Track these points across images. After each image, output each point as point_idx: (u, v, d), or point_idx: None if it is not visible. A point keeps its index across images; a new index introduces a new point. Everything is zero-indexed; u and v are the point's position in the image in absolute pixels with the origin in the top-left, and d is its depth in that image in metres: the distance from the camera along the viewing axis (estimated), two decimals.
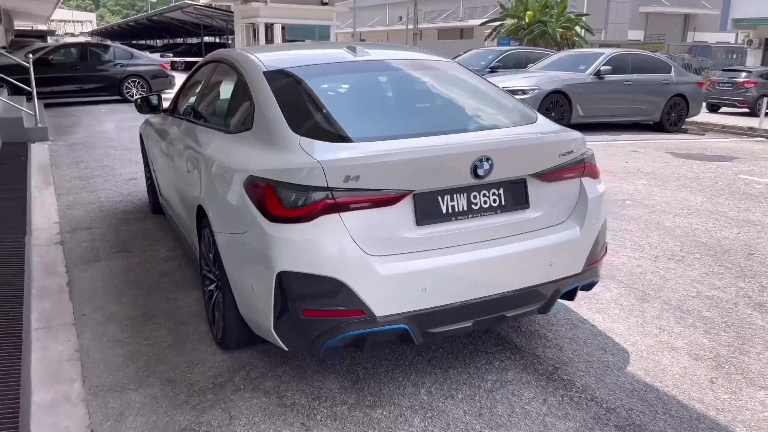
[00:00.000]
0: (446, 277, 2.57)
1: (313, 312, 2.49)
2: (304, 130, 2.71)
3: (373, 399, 2.79)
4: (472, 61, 14.29)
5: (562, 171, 2.87)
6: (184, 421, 2.65)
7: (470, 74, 3.51)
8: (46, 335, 3.41)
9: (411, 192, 2.55)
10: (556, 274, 2.82)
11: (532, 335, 3.36)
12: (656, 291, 3.97)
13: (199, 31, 38.48)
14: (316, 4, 26.57)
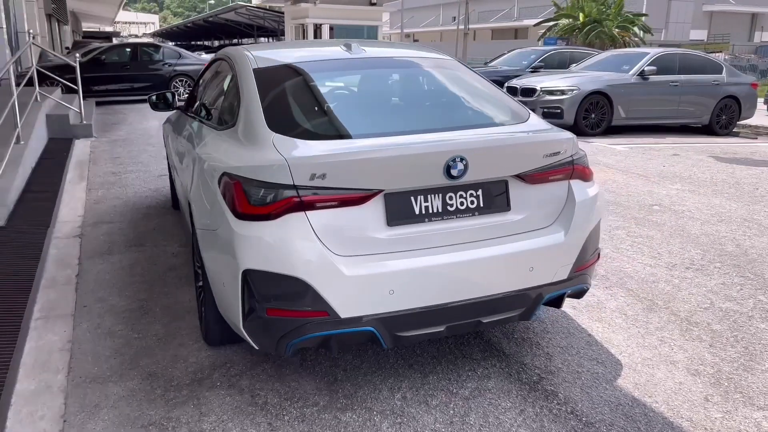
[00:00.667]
0: (416, 280, 2.50)
1: (277, 311, 2.46)
2: (280, 127, 2.69)
3: (346, 402, 2.75)
4: (513, 61, 14.05)
5: (548, 173, 2.75)
6: (154, 415, 2.66)
7: (468, 72, 3.41)
8: (44, 325, 3.50)
9: (381, 192, 2.49)
10: (537, 279, 2.70)
11: (523, 342, 3.25)
12: (666, 301, 3.77)
13: (252, 32, 39.23)
14: (365, 5, 26.68)
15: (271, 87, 3.01)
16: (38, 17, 27.43)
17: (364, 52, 3.35)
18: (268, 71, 3.14)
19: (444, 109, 3.16)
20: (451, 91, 3.30)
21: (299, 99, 2.99)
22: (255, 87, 2.99)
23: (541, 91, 10.70)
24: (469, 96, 3.24)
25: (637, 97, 10.76)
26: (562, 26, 31.27)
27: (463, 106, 3.15)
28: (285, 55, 3.47)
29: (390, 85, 3.28)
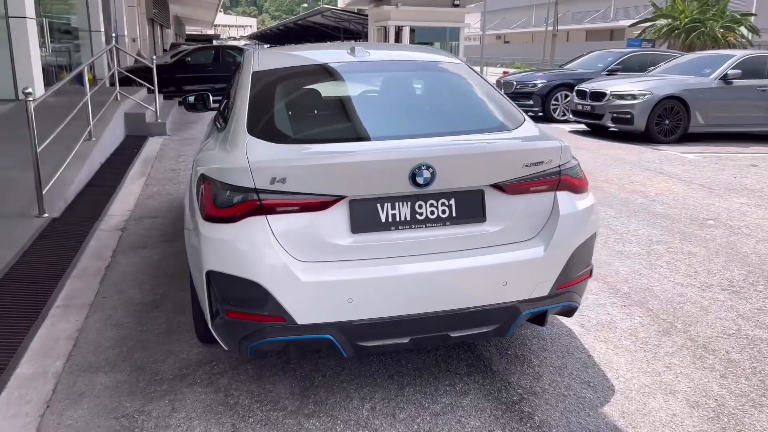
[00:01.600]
0: (377, 289, 2.44)
1: (236, 314, 2.48)
2: (256, 130, 2.71)
3: (314, 408, 2.73)
4: (589, 64, 13.52)
5: (529, 183, 2.61)
6: (129, 407, 2.75)
7: (472, 77, 3.28)
8: (61, 313, 3.69)
9: (344, 198, 2.45)
10: (511, 295, 2.57)
11: (515, 359, 3.11)
12: (687, 324, 3.50)
13: (339, 35, 39.96)
14: (447, 6, 26.49)
15: (262, 90, 3.03)
16: (140, 22, 29.18)
17: (367, 56, 3.31)
18: (265, 74, 3.17)
19: (427, 115, 3.07)
20: (443, 96, 3.20)
21: (284, 102, 3.00)
22: (248, 90, 3.03)
23: (610, 95, 10.23)
24: (461, 101, 3.13)
25: (718, 102, 10.06)
26: (659, 27, 29.83)
27: (448, 112, 3.05)
28: (289, 58, 3.49)
29: (380, 90, 3.23)
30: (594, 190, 6.49)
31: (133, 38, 26.43)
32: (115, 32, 22.10)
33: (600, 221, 3.05)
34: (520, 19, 71.26)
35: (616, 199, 6.30)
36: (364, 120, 2.97)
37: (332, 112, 3.03)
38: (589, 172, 7.41)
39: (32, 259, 4.48)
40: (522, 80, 13.22)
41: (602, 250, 4.72)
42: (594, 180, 7.13)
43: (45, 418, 2.68)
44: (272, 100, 2.98)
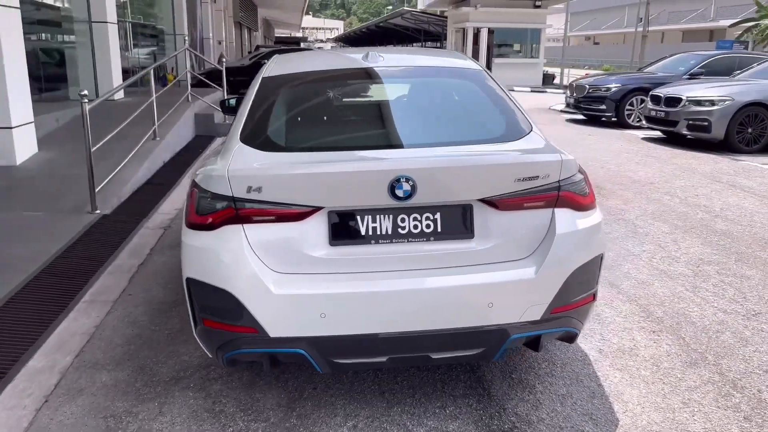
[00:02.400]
0: (351, 305, 2.35)
1: (211, 323, 2.46)
2: (248, 137, 2.69)
3: (296, 422, 2.67)
4: (671, 67, 12.78)
5: (522, 199, 2.44)
6: (120, 408, 2.79)
7: (485, 84, 3.11)
8: (85, 308, 3.83)
9: (321, 208, 2.38)
10: (498, 318, 2.41)
11: (517, 384, 2.93)
12: (719, 356, 3.18)
13: (419, 37, 39.93)
14: (528, 7, 25.88)
15: (264, 97, 3.01)
16: (226, 25, 30.29)
17: (378, 62, 3.22)
18: (272, 80, 3.15)
19: (423, 124, 2.93)
20: (447, 104, 3.06)
21: (281, 109, 2.95)
22: (253, 96, 3.02)
23: (687, 101, 9.60)
24: (465, 110, 2.97)
25: None
26: (763, 27, 27.87)
27: (447, 121, 2.90)
28: (301, 63, 3.45)
29: (383, 98, 3.13)
30: (651, 203, 6.12)
31: (219, 41, 27.47)
32: (201, 35, 23.09)
33: (606, 242, 2.82)
34: (612, 20, 68.66)
35: (673, 213, 5.88)
36: (356, 129, 2.89)
37: (327, 120, 2.96)
38: (650, 183, 7.01)
39: (73, 254, 4.69)
40: (595, 84, 12.67)
41: (644, 268, 4.40)
42: (655, 191, 6.71)
43: (40, 413, 2.76)
44: (271, 107, 2.95)
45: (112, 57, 10.86)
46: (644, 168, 8.01)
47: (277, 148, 2.64)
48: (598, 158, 8.71)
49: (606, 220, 5.57)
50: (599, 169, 7.89)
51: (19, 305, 3.80)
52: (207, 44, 23.69)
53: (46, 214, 5.61)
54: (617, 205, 6.12)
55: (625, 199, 6.37)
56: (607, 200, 6.34)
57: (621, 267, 4.43)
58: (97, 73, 10.82)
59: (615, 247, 4.88)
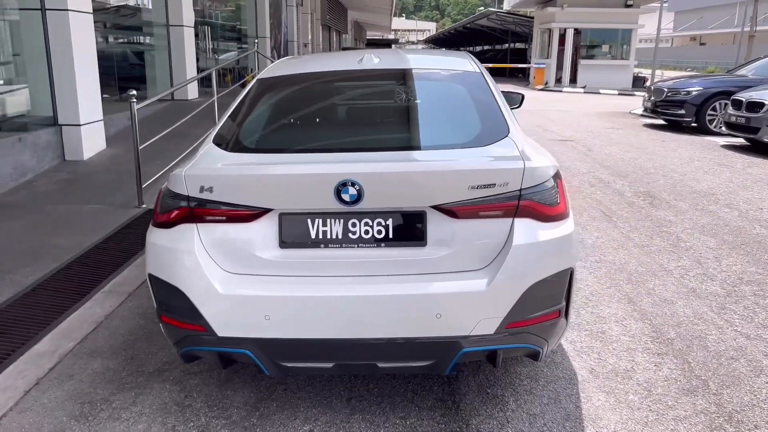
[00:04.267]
0: (296, 309, 2.33)
1: (166, 318, 2.52)
2: (219, 138, 2.74)
3: (255, 422, 2.69)
4: (763, 70, 11.84)
5: (478, 207, 2.33)
6: (99, 395, 2.92)
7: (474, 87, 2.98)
8: (103, 298, 4.03)
9: (270, 210, 2.38)
10: (447, 330, 2.32)
11: (490, 399, 2.81)
12: (723, 385, 2.91)
13: (506, 38, 39.23)
14: (619, 6, 24.79)
15: (252, 98, 3.06)
16: (313, 28, 31.05)
17: (371, 64, 3.18)
18: (265, 82, 3.20)
19: (389, 128, 2.85)
20: (423, 108, 2.95)
21: (261, 111, 2.98)
22: (241, 97, 3.08)
23: None
24: (441, 114, 2.85)
25: None
26: None
27: (418, 125, 2.80)
28: (299, 66, 3.46)
29: (359, 101, 3.08)
30: (705, 215, 5.69)
31: (305, 43, 28.18)
32: (285, 38, 23.77)
33: (577, 255, 2.64)
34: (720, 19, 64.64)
35: (727, 227, 5.44)
36: (320, 131, 2.87)
37: (299, 123, 2.95)
38: (712, 194, 6.52)
39: (109, 246, 4.95)
40: (674, 87, 11.94)
41: (672, 286, 4.10)
42: (714, 203, 6.24)
43: (28, 395, 2.93)
44: (252, 108, 2.99)
45: (187, 59, 11.38)
46: (711, 177, 7.47)
47: (243, 149, 2.66)
48: (664, 165, 8.21)
49: (647, 233, 5.24)
50: (660, 178, 7.44)
51: (42, 291, 4.05)
52: (291, 47, 24.36)
53: (96, 207, 5.96)
54: (665, 217, 5.74)
55: (677, 211, 5.96)
56: (657, 211, 5.96)
57: (646, 283, 4.15)
58: (173, 75, 11.37)
59: (647, 260, 4.58)
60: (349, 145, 2.68)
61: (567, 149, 9.43)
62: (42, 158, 7.10)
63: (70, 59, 7.18)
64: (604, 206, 6.14)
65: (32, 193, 6.41)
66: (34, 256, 4.64)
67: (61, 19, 7.08)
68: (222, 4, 17.62)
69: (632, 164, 8.32)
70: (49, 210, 5.85)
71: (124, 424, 2.69)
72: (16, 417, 2.75)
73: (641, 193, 6.70)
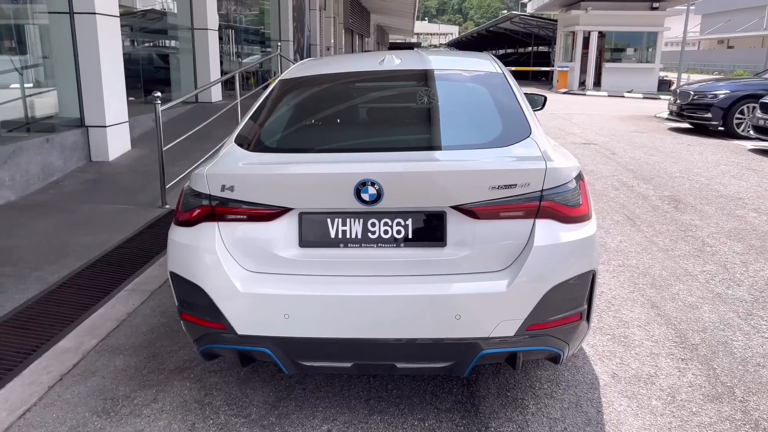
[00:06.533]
0: (315, 308, 2.34)
1: (187, 316, 2.54)
2: (242, 138, 2.76)
3: (274, 421, 2.70)
4: None
5: (499, 207, 2.31)
6: (121, 392, 2.95)
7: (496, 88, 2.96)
8: (126, 296, 4.08)
9: (291, 209, 2.39)
10: (466, 331, 2.30)
11: (510, 402, 2.78)
12: (750, 392, 2.85)
13: (529, 41, 38.99)
14: (644, 9, 24.50)
15: (274, 98, 3.08)
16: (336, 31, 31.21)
17: (391, 65, 3.19)
18: (287, 83, 3.22)
19: (411, 128, 2.84)
20: (445, 108, 2.93)
21: (282, 111, 2.99)
22: (264, 97, 3.10)
23: None
24: (463, 114, 2.84)
25: None
26: None
27: (440, 126, 2.78)
28: (320, 67, 3.47)
29: (381, 101, 3.07)
30: (732, 220, 5.59)
31: (327, 47, 28.34)
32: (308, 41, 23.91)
33: (599, 257, 2.61)
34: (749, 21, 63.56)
35: (755, 232, 5.34)
36: (340, 131, 2.87)
37: (321, 123, 2.96)
38: (739, 198, 6.40)
39: (132, 245, 5.01)
40: (700, 90, 11.76)
41: (697, 291, 4.03)
42: (741, 207, 6.12)
43: (52, 390, 2.98)
44: (273, 108, 3.00)
45: (211, 62, 11.51)
46: (738, 182, 7.34)
47: (264, 149, 2.68)
48: (689, 169, 8.08)
49: (672, 237, 5.16)
50: (685, 182, 7.33)
51: (67, 289, 4.11)
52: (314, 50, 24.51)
53: (121, 207, 6.04)
54: (691, 221, 5.65)
55: (703, 215, 5.86)
56: (682, 215, 5.86)
57: (671, 288, 4.09)
58: (197, 77, 11.50)
59: (671, 265, 4.51)
60: (369, 145, 2.69)
61: (590, 152, 9.34)
62: (69, 159, 7.22)
63: (96, 62, 7.30)
64: (627, 210, 6.06)
65: (59, 192, 6.52)
66: (59, 254, 4.72)
67: (88, 22, 7.21)
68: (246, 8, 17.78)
69: (656, 168, 8.20)
70: (75, 209, 5.95)
71: (145, 421, 2.71)
72: (39, 411, 2.79)
73: (666, 197, 6.60)
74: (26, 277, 4.26)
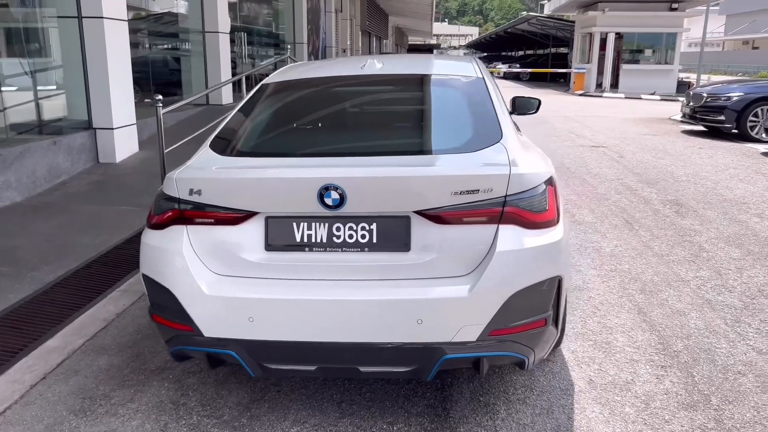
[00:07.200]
0: (279, 311, 2.36)
1: (158, 318, 2.57)
2: (216, 141, 2.80)
3: (245, 422, 2.72)
4: None
5: (461, 213, 2.32)
6: (100, 391, 3.00)
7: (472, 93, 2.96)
8: (118, 296, 4.14)
9: (257, 213, 2.41)
10: (429, 336, 2.31)
11: (482, 407, 2.78)
12: (726, 401, 2.81)
13: (547, 42, 38.74)
14: (663, 10, 24.20)
15: (252, 102, 3.11)
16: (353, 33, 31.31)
17: (371, 70, 3.20)
18: (270, 87, 3.25)
19: (376, 134, 2.85)
20: (417, 113, 2.94)
21: (258, 115, 3.02)
22: (245, 101, 3.14)
23: None
24: (434, 119, 2.84)
25: None
26: None
27: (404, 131, 2.80)
28: (304, 71, 3.50)
29: (354, 106, 3.08)
30: (733, 225, 5.51)
31: (344, 49, 28.43)
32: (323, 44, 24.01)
33: (567, 263, 2.59)
34: None
35: (755, 237, 5.25)
36: (311, 136, 2.89)
37: (292, 127, 2.98)
38: (743, 203, 6.31)
39: (130, 246, 5.08)
40: (714, 92, 11.59)
41: (687, 297, 3.98)
42: (744, 212, 6.03)
43: (34, 388, 3.04)
44: (250, 112, 3.03)
45: (222, 65, 11.62)
46: (745, 185, 7.23)
47: (235, 153, 2.71)
48: (696, 173, 7.98)
49: (669, 242, 5.10)
50: (690, 186, 7.23)
51: (61, 289, 4.19)
52: (329, 53, 24.60)
53: (124, 208, 6.13)
54: (690, 226, 5.58)
55: (703, 219, 5.79)
56: (682, 219, 5.79)
57: (660, 293, 4.05)
58: (208, 80, 11.62)
59: (664, 270, 4.46)
60: (336, 150, 2.71)
61: (597, 155, 9.26)
62: (76, 160, 7.34)
63: (104, 65, 7.42)
64: (627, 214, 6.00)
65: (65, 193, 6.64)
66: (58, 254, 4.80)
67: (96, 26, 7.33)
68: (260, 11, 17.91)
69: (663, 171, 8.11)
70: (79, 210, 6.05)
71: (120, 420, 2.76)
72: (19, 409, 2.85)
73: (668, 201, 6.52)
74: (23, 277, 4.35)
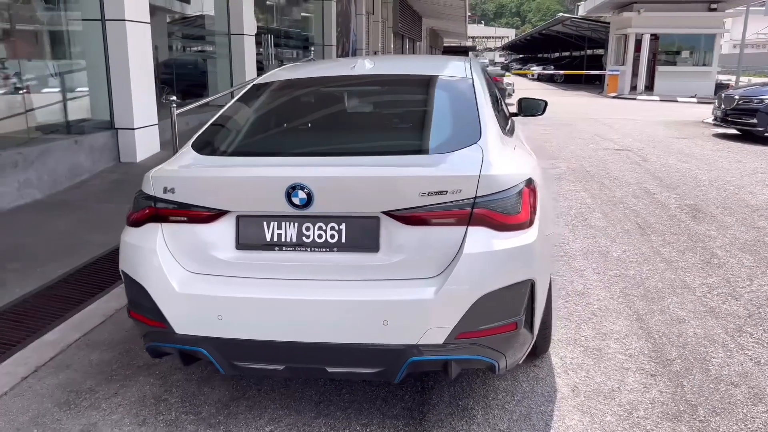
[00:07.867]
0: (247, 310, 2.37)
1: (134, 314, 2.61)
2: (198, 140, 2.83)
3: (221, 419, 2.74)
4: None
5: (430, 214, 2.29)
6: (87, 385, 3.06)
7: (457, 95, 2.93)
8: (119, 292, 4.21)
9: (228, 212, 2.43)
10: (395, 337, 2.29)
11: (460, 411, 2.74)
12: (714, 412, 2.72)
13: (582, 44, 38.18)
14: (701, 11, 23.62)
15: (240, 102, 3.14)
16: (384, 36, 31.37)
17: (359, 71, 3.20)
18: (257, 88, 3.27)
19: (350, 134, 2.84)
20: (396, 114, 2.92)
21: (243, 115, 3.04)
22: (232, 102, 3.17)
23: None
24: (413, 120, 2.82)
25: None
26: None
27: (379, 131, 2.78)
28: (295, 72, 3.51)
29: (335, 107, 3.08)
30: (751, 231, 5.34)
31: (375, 51, 28.50)
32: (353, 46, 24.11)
33: (542, 266, 2.53)
34: None
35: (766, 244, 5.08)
36: (286, 136, 2.90)
37: (271, 127, 3.00)
38: (765, 209, 6.09)
39: None
40: (746, 94, 11.25)
41: (690, 304, 3.87)
42: (765, 219, 5.83)
43: (25, 381, 3.11)
44: (236, 112, 3.06)
45: (247, 67, 11.76)
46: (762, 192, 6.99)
47: (212, 152, 2.73)
48: (720, 177, 7.75)
49: (680, 248, 4.97)
50: (712, 190, 7.03)
51: (65, 285, 4.29)
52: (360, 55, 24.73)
53: None
54: (705, 232, 5.42)
55: (720, 225, 5.62)
56: (699, 225, 5.63)
57: (662, 300, 3.94)
58: (233, 82, 11.77)
59: (670, 277, 4.34)
60: (310, 150, 2.71)
61: (620, 159, 9.08)
62: (98, 160, 7.51)
63: (126, 66, 7.58)
64: (641, 218, 5.87)
65: (84, 192, 6.80)
66: (69, 251, 4.92)
67: (118, 28, 7.50)
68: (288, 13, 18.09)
69: (686, 175, 7.90)
70: (96, 208, 6.20)
71: (101, 414, 2.80)
72: (7, 401, 2.93)
73: (686, 206, 6.35)
74: (30, 273, 4.46)
